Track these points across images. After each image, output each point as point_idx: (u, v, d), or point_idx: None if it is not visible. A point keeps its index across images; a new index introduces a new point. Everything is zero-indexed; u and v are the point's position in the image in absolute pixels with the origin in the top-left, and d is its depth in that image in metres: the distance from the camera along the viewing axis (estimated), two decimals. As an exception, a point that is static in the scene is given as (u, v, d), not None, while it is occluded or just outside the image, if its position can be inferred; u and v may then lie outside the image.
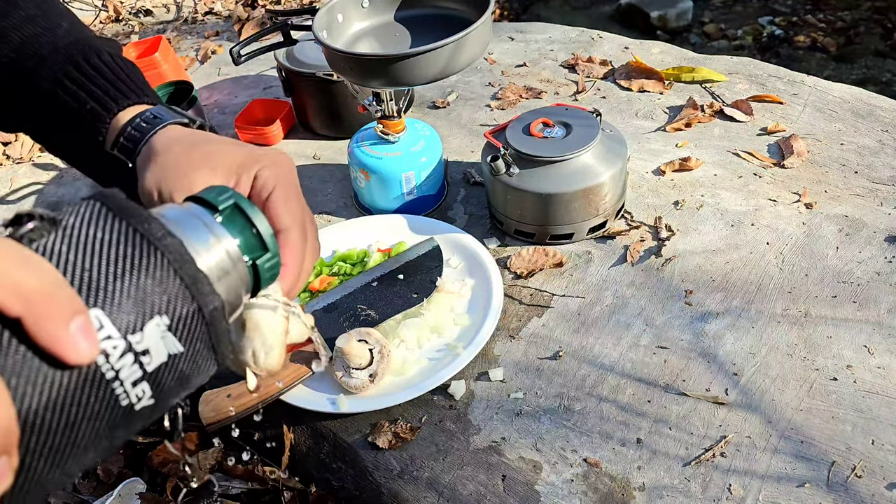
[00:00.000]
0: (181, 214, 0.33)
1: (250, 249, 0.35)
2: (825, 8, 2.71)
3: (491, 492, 0.68)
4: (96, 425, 0.29)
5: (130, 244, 0.30)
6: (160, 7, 1.96)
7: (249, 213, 0.35)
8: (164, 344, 0.30)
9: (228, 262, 0.33)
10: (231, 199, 0.35)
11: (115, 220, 0.30)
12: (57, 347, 0.26)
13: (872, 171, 0.98)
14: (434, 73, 0.83)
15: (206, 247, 0.33)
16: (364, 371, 0.75)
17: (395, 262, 0.89)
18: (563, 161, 0.86)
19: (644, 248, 0.90)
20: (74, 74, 0.56)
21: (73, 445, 0.28)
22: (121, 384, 0.29)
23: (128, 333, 0.29)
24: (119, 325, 0.28)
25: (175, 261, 0.30)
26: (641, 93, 1.21)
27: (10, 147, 1.38)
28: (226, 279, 0.33)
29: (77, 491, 0.86)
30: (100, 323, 0.28)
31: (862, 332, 0.76)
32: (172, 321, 0.30)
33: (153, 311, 0.29)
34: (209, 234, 0.33)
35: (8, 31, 0.58)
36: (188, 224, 0.33)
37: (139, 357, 0.29)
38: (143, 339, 0.29)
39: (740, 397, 0.72)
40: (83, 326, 0.26)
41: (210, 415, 0.76)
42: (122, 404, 0.29)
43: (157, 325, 0.30)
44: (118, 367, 0.28)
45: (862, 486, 0.64)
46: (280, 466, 0.78)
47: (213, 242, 0.33)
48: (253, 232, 0.35)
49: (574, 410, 0.73)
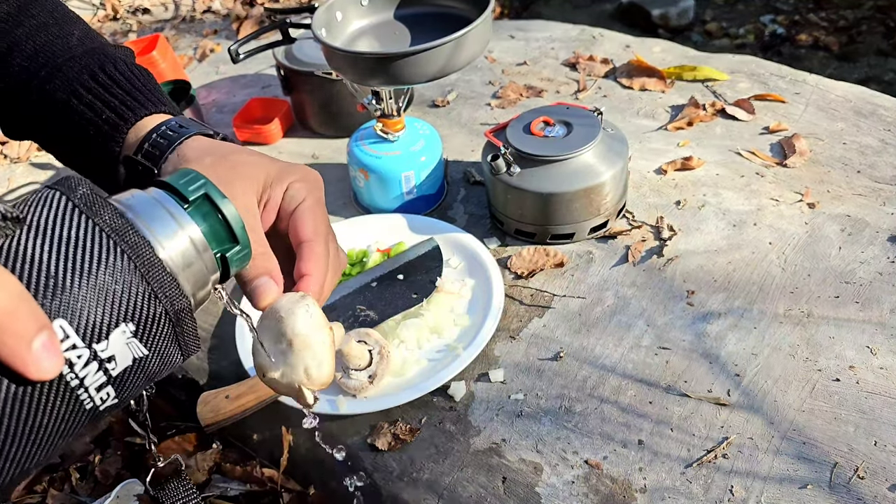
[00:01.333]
0: (147, 203, 0.33)
1: (219, 241, 0.34)
2: (827, 7, 2.70)
3: (491, 494, 0.68)
4: (59, 428, 0.29)
5: (96, 245, 0.29)
6: (158, 5, 1.96)
7: (220, 204, 0.34)
8: (129, 349, 0.30)
9: (193, 253, 0.33)
10: (202, 188, 0.34)
11: (79, 217, 0.29)
12: (19, 365, 0.25)
13: (875, 171, 0.98)
14: (434, 71, 0.82)
15: (170, 237, 0.32)
16: (363, 372, 0.74)
17: (394, 263, 0.88)
18: (563, 160, 0.86)
19: (645, 248, 0.90)
20: (90, 84, 0.56)
21: (36, 448, 0.28)
22: (85, 390, 0.29)
23: (93, 342, 0.28)
24: (84, 335, 0.28)
25: (142, 264, 0.30)
26: (643, 91, 1.21)
27: (8, 146, 1.37)
28: (191, 270, 0.33)
29: (75, 492, 0.86)
30: (64, 333, 0.28)
31: (864, 333, 0.76)
32: (138, 327, 0.30)
33: (119, 318, 0.29)
34: (175, 225, 0.33)
35: (21, 40, 0.58)
36: (153, 214, 0.32)
37: (104, 364, 0.29)
38: (108, 347, 0.29)
39: (742, 398, 0.71)
40: (46, 343, 0.26)
41: (208, 416, 0.76)
42: (87, 407, 0.29)
43: (122, 333, 0.29)
44: (83, 376, 0.28)
45: (864, 487, 0.63)
46: (278, 468, 0.78)
47: (178, 232, 0.33)
48: (223, 223, 0.35)
49: (575, 412, 0.73)
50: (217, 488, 0.79)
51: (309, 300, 0.41)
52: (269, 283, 0.43)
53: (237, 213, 0.35)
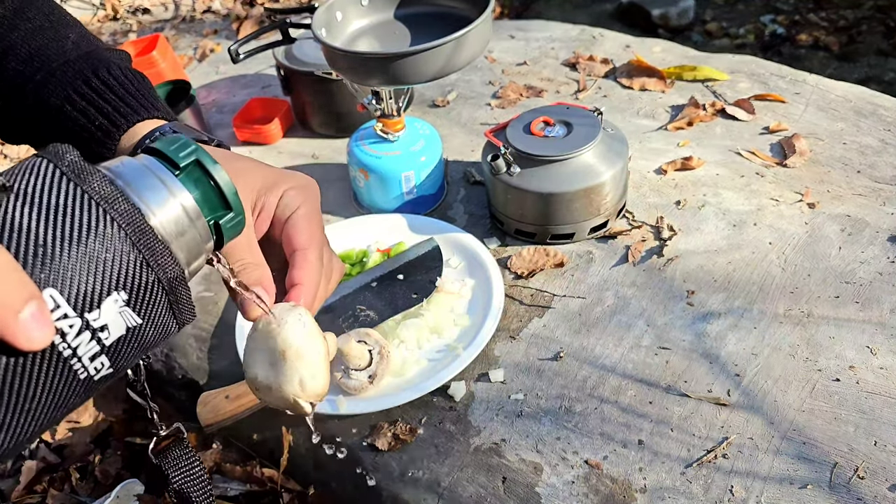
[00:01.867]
0: (137, 170, 0.32)
1: (212, 208, 0.34)
2: (827, 6, 2.70)
3: (491, 494, 0.68)
4: (54, 399, 0.29)
5: (85, 212, 0.29)
6: (158, 5, 1.96)
7: (211, 170, 0.33)
8: (122, 318, 0.30)
9: (186, 221, 0.32)
10: (193, 154, 0.33)
11: (68, 184, 0.29)
12: (8, 336, 0.25)
13: (875, 171, 0.97)
14: (434, 71, 0.82)
15: (161, 204, 0.32)
16: (363, 372, 0.74)
17: (394, 263, 0.88)
18: (564, 160, 0.86)
19: (645, 248, 0.90)
20: (83, 90, 0.56)
21: (31, 419, 0.28)
22: (78, 360, 0.29)
23: (84, 311, 0.28)
24: (75, 304, 0.28)
25: (132, 232, 0.30)
26: (643, 91, 1.21)
27: (8, 146, 1.37)
28: (184, 238, 0.32)
29: (75, 492, 0.86)
30: (55, 302, 0.27)
31: (864, 333, 0.76)
32: (130, 295, 0.30)
33: (111, 286, 0.29)
34: (166, 192, 0.32)
35: (16, 44, 0.58)
36: (144, 181, 0.32)
37: (97, 333, 0.29)
38: (100, 316, 0.29)
39: (742, 398, 0.71)
40: (35, 313, 0.26)
41: (208, 416, 0.76)
42: (81, 377, 0.29)
43: (114, 301, 0.29)
44: (75, 345, 0.28)
45: (864, 487, 0.63)
46: (278, 468, 0.78)
47: (169, 200, 0.32)
48: (215, 190, 0.34)
49: (575, 412, 0.73)
50: (217, 488, 0.79)
51: (301, 310, 0.41)
52: (261, 294, 0.42)
53: (229, 180, 0.34)
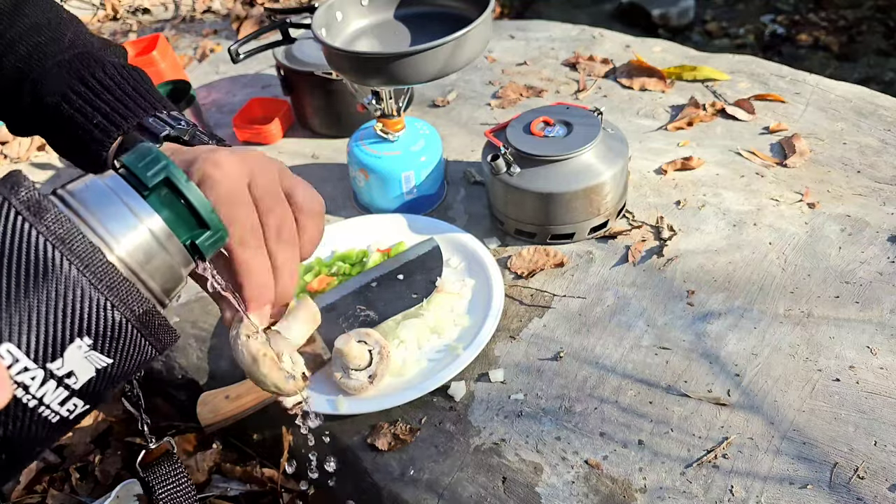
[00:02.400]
0: (101, 195, 0.30)
1: (188, 227, 0.32)
2: (827, 6, 2.70)
3: (491, 494, 0.68)
4: (30, 443, 0.28)
5: (41, 256, 0.27)
6: (158, 5, 1.96)
7: (183, 189, 0.32)
8: (89, 362, 0.28)
9: (154, 245, 0.31)
10: (162, 172, 0.31)
11: (22, 224, 0.27)
12: None
13: (875, 171, 0.97)
14: (434, 71, 0.82)
15: (126, 231, 0.30)
16: (363, 372, 0.74)
17: (394, 263, 0.88)
18: (564, 160, 0.86)
19: (645, 247, 0.90)
20: (80, 88, 0.56)
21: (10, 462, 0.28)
22: (46, 407, 0.28)
23: (46, 362, 0.27)
24: (35, 356, 0.27)
25: (91, 274, 0.28)
26: (643, 91, 1.21)
27: (8, 146, 1.37)
28: (152, 264, 0.31)
29: (75, 492, 0.86)
30: (13, 357, 0.26)
31: (864, 333, 0.76)
32: (96, 340, 0.28)
33: (73, 332, 0.28)
34: (132, 217, 0.30)
35: (15, 41, 0.59)
36: (108, 208, 0.30)
37: (63, 380, 0.28)
38: (63, 364, 0.28)
39: (742, 398, 0.71)
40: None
41: (208, 416, 0.76)
42: (53, 421, 0.28)
43: (78, 348, 0.28)
44: (40, 395, 0.27)
45: (864, 487, 0.63)
46: (278, 468, 0.78)
47: (136, 225, 0.30)
48: (188, 208, 0.32)
49: (575, 412, 0.73)
50: (217, 488, 0.79)
51: (240, 329, 0.40)
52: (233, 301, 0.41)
53: (203, 197, 0.32)
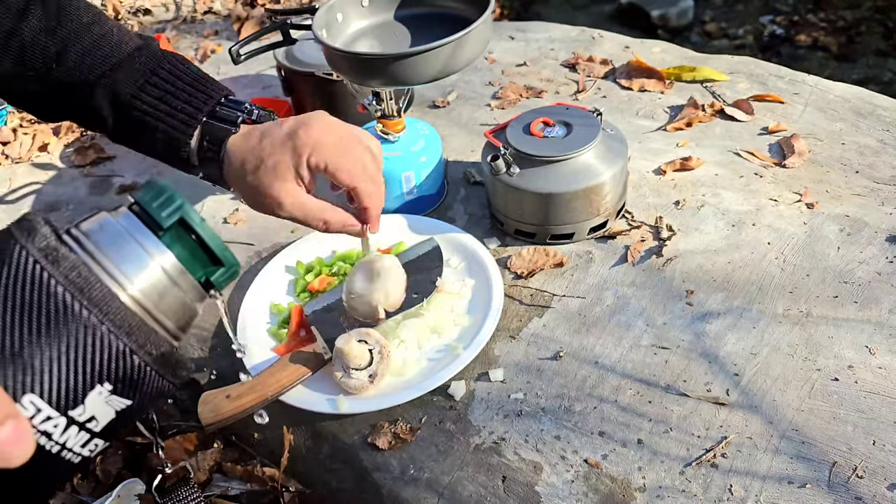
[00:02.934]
0: (115, 236, 0.31)
1: (201, 265, 0.33)
2: (826, 7, 2.70)
3: (491, 493, 0.68)
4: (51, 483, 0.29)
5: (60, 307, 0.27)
6: (159, 6, 1.96)
7: (198, 229, 0.32)
8: (109, 406, 0.29)
9: (169, 284, 0.31)
10: (177, 213, 0.32)
11: (41, 274, 0.27)
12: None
13: (874, 171, 0.98)
14: (434, 72, 0.82)
15: (140, 272, 0.30)
16: (364, 371, 0.75)
17: (394, 262, 0.88)
18: (563, 160, 0.86)
19: (645, 248, 0.90)
20: (155, 80, 0.64)
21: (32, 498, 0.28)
22: (69, 451, 0.28)
23: (68, 410, 0.28)
24: (57, 405, 0.27)
25: (110, 322, 0.28)
26: (642, 92, 1.21)
27: (9, 147, 1.37)
28: (167, 301, 0.31)
29: (76, 491, 0.86)
30: (35, 407, 0.27)
31: (863, 333, 0.76)
32: (116, 384, 0.29)
33: (94, 380, 0.28)
34: (146, 257, 0.31)
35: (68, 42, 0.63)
36: (121, 249, 0.30)
37: (85, 425, 0.28)
38: (85, 410, 0.28)
39: (741, 398, 0.72)
40: (11, 435, 0.25)
41: (209, 416, 0.76)
42: (75, 462, 0.29)
43: (99, 394, 0.28)
44: (63, 441, 0.28)
45: (863, 486, 0.63)
46: (279, 467, 0.78)
47: (149, 264, 0.31)
48: (202, 246, 0.33)
49: (574, 411, 0.73)
50: (218, 487, 0.79)
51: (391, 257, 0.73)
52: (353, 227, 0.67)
53: (215, 235, 0.33)
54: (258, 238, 1.02)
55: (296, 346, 0.79)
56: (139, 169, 1.26)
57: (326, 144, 0.62)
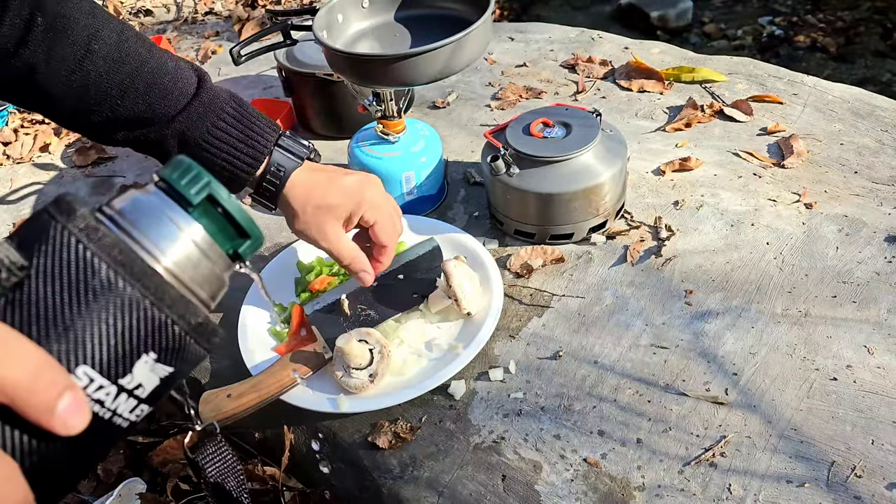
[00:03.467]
0: (148, 213, 0.32)
1: (229, 238, 0.34)
2: (825, 8, 2.71)
3: (491, 492, 0.68)
4: (103, 447, 0.31)
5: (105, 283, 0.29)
6: (160, 7, 1.97)
7: (225, 205, 0.33)
8: (154, 374, 0.31)
9: (201, 257, 0.33)
10: (206, 189, 0.33)
11: (84, 252, 0.29)
12: (49, 428, 0.27)
13: (872, 171, 0.98)
14: (434, 73, 0.83)
15: (175, 247, 0.32)
16: (364, 371, 0.75)
17: (394, 262, 0.89)
18: (563, 161, 0.86)
19: (644, 248, 0.90)
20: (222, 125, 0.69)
21: (83, 467, 0.30)
22: (119, 416, 0.30)
23: (118, 378, 0.29)
24: (108, 374, 0.29)
25: (152, 295, 0.30)
26: (641, 93, 1.21)
27: (11, 147, 1.38)
28: (201, 273, 0.33)
29: (77, 491, 0.86)
30: (89, 378, 0.28)
31: (862, 332, 0.76)
32: (160, 353, 0.30)
33: (140, 350, 0.30)
34: (177, 230, 0.32)
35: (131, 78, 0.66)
36: (156, 226, 0.32)
37: (133, 392, 0.30)
38: (133, 378, 0.30)
39: (740, 397, 0.72)
40: (71, 404, 0.27)
41: (210, 415, 0.76)
42: (123, 427, 0.31)
43: (145, 363, 0.30)
44: (114, 407, 0.30)
45: (862, 486, 0.64)
46: (279, 466, 0.78)
47: (183, 240, 0.32)
48: (229, 220, 0.34)
49: (574, 410, 0.73)
50: (219, 487, 0.79)
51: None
52: (367, 276, 0.75)
53: (241, 208, 0.34)
54: (259, 238, 1.02)
55: (296, 346, 0.79)
56: (140, 169, 1.26)
57: (382, 209, 0.74)
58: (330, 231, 0.73)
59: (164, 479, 0.84)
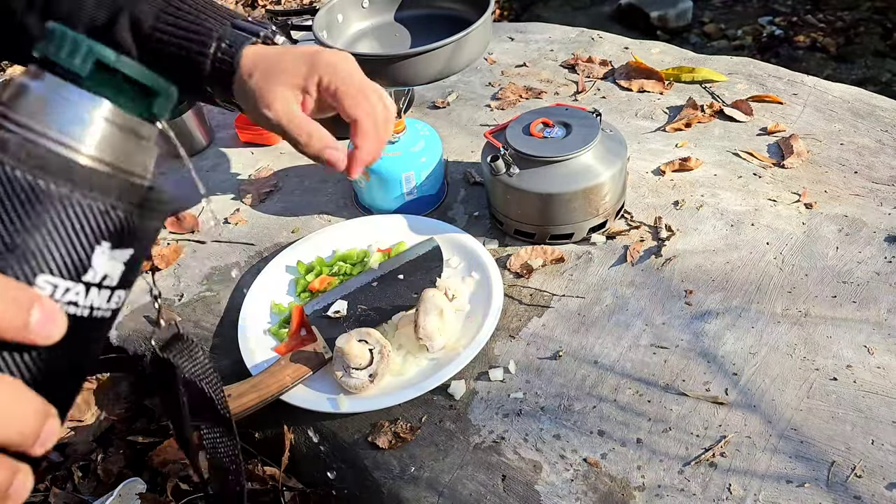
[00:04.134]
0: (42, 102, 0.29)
1: (134, 98, 0.31)
2: (825, 8, 2.71)
3: (491, 492, 0.68)
4: (95, 343, 0.31)
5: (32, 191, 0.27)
6: (160, 7, 1.96)
7: (117, 66, 0.30)
8: (115, 259, 0.30)
9: (113, 130, 0.30)
10: (90, 56, 0.29)
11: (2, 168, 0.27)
12: (32, 343, 0.28)
13: (872, 171, 0.98)
14: (434, 73, 0.83)
15: (84, 130, 0.29)
16: (364, 371, 0.75)
17: (395, 262, 0.89)
18: (563, 161, 0.87)
19: (644, 248, 0.90)
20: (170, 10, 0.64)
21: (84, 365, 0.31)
22: (98, 310, 0.30)
23: (81, 276, 0.29)
24: (70, 276, 0.29)
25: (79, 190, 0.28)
26: (641, 93, 1.21)
27: None
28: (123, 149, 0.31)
29: (77, 490, 0.86)
30: (52, 285, 0.28)
31: (862, 332, 0.76)
32: (112, 240, 0.30)
33: (91, 243, 0.29)
34: (83, 112, 0.29)
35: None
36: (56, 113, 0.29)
37: (102, 282, 0.30)
38: (96, 272, 0.29)
39: (740, 397, 0.72)
40: (42, 316, 0.27)
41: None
42: (108, 317, 0.31)
43: (102, 254, 0.29)
44: (89, 304, 0.29)
45: (862, 485, 0.64)
46: (280, 466, 0.78)
47: (90, 120, 0.30)
48: (129, 82, 0.31)
49: (574, 410, 0.73)
50: (218, 487, 0.79)
51: None
52: (334, 152, 0.63)
53: (137, 66, 0.31)
54: (259, 238, 1.02)
55: (296, 346, 0.79)
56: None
57: (344, 72, 0.63)
58: (278, 99, 0.61)
59: (164, 479, 0.84)
